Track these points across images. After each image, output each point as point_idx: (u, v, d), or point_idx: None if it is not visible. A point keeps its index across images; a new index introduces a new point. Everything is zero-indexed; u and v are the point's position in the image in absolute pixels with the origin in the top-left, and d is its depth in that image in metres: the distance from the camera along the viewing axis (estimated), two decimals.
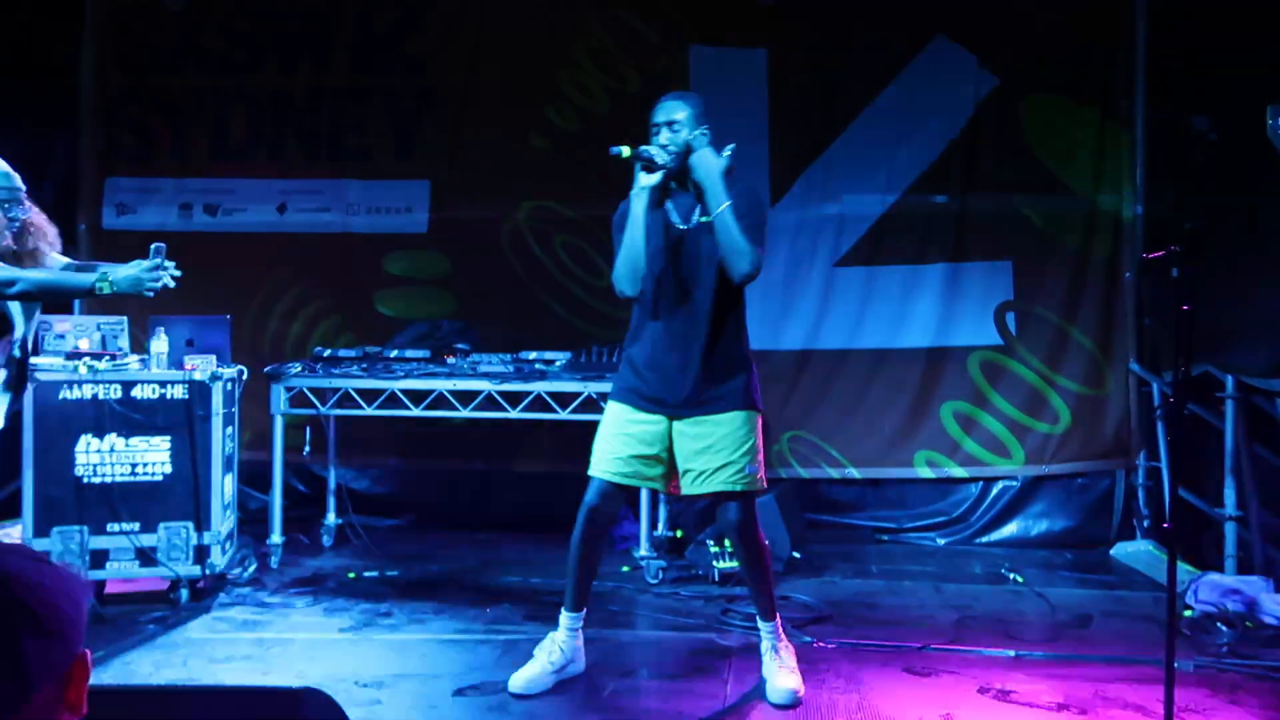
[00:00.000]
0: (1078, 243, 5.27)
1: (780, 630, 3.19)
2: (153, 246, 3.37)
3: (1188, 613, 3.71)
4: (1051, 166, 5.29)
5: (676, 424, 3.08)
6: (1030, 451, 5.23)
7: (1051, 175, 5.28)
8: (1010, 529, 5.26)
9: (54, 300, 3.54)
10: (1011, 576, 4.54)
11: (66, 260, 3.68)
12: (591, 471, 3.14)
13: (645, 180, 2.99)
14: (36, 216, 3.48)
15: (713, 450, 3.03)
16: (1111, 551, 5.03)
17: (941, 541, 5.24)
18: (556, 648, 3.15)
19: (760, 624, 3.20)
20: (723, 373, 3.07)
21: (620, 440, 3.10)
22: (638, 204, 3.00)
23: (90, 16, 5.69)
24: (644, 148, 3.00)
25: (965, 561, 4.90)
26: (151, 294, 3.35)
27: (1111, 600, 4.22)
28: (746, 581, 3.29)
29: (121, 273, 3.36)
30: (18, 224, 3.35)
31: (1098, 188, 5.26)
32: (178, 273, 3.40)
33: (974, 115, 5.30)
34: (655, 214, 3.06)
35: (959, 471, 5.29)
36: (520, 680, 3.07)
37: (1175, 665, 2.69)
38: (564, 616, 3.20)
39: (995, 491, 5.30)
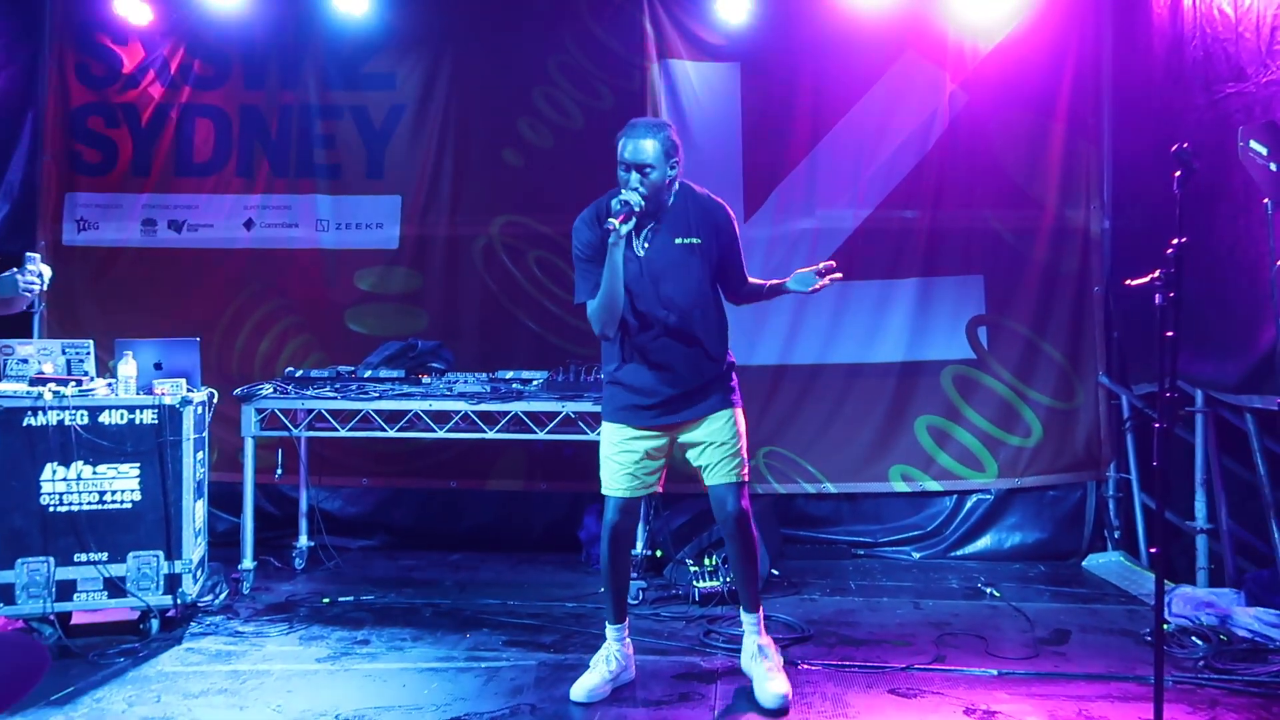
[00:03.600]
0: (1047, 257, 5.34)
1: (762, 624, 3.38)
2: (26, 255, 3.35)
3: (1164, 626, 3.75)
4: (1020, 182, 5.35)
5: (678, 433, 3.30)
6: (1003, 464, 5.29)
7: (1021, 190, 5.35)
8: (984, 542, 5.31)
9: None
10: (988, 591, 4.58)
11: None
12: (606, 491, 3.32)
13: (624, 228, 3.04)
14: None
15: (714, 446, 3.28)
16: (1084, 563, 5.10)
17: (917, 555, 5.28)
18: (612, 657, 3.33)
19: (744, 615, 3.38)
20: (712, 374, 3.30)
21: (629, 457, 3.29)
22: (616, 253, 3.06)
23: (48, 29, 5.56)
24: (625, 201, 3.04)
25: (941, 576, 4.93)
26: (29, 295, 3.38)
27: (1086, 614, 4.27)
28: (735, 572, 3.39)
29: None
30: None
31: (1066, 202, 5.33)
32: (36, 282, 3.33)
33: (944, 131, 5.35)
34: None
35: (933, 485, 5.33)
36: (581, 689, 3.24)
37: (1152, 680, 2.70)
38: (610, 630, 3.37)
39: (969, 505, 5.36)
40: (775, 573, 4.67)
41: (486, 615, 4.16)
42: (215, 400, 4.24)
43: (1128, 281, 2.95)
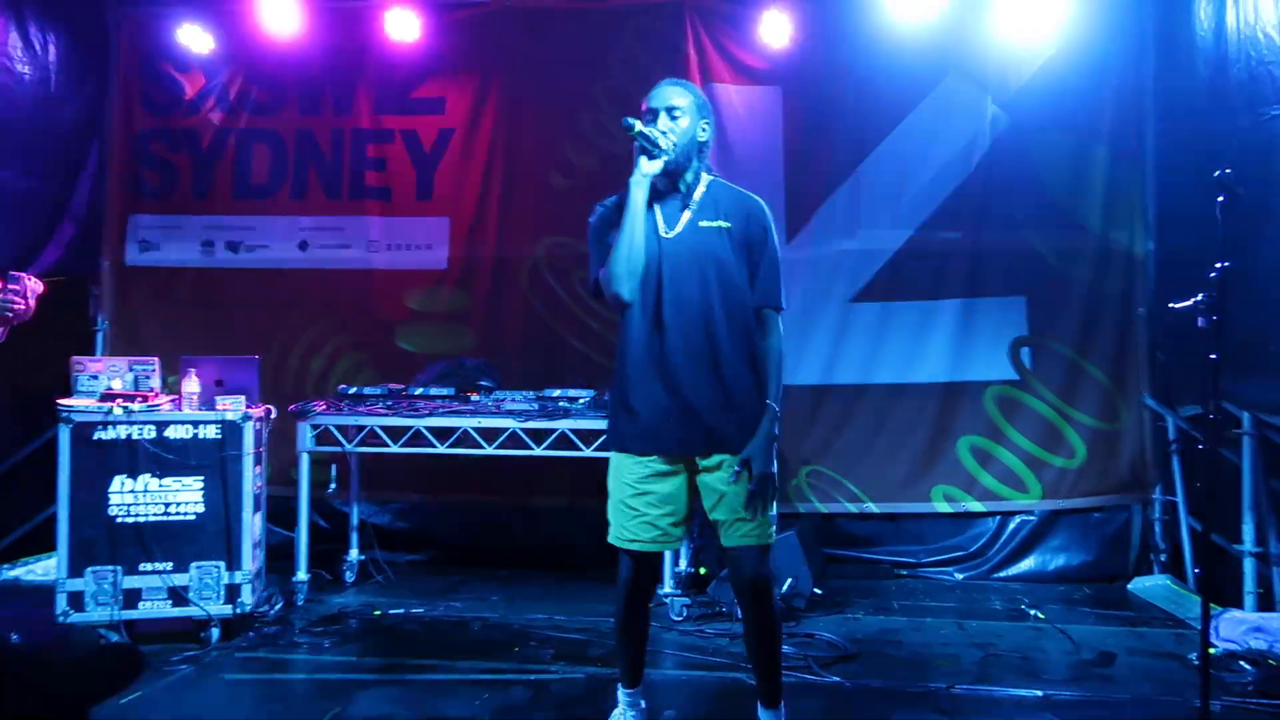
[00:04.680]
0: (1090, 278, 5.33)
1: None
2: (10, 274, 3.53)
3: (1210, 650, 3.73)
4: (1063, 203, 5.36)
5: (698, 468, 2.74)
6: (1047, 485, 5.28)
7: (1064, 212, 5.36)
8: (1028, 564, 5.29)
9: None
10: (1032, 613, 4.57)
11: None
12: (619, 542, 2.77)
13: (647, 168, 2.62)
14: None
15: (738, 496, 2.67)
16: (1129, 586, 5.06)
17: (960, 576, 5.27)
18: None
19: (761, 713, 2.82)
20: (740, 400, 2.69)
21: (641, 501, 2.73)
22: (638, 192, 2.61)
23: (115, 58, 5.80)
24: (649, 129, 2.66)
25: (985, 597, 4.93)
26: (10, 314, 3.43)
27: (1133, 636, 4.25)
28: (752, 657, 2.86)
29: None
30: None
31: (1109, 224, 5.34)
32: (17, 300, 3.46)
33: (987, 153, 5.38)
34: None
35: (976, 506, 5.33)
36: None
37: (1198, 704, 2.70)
38: (622, 693, 2.92)
39: (1012, 526, 5.34)
40: (818, 591, 4.70)
41: (534, 629, 4.24)
42: (274, 416, 4.37)
43: (1172, 304, 2.97)
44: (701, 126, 2.73)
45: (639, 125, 2.63)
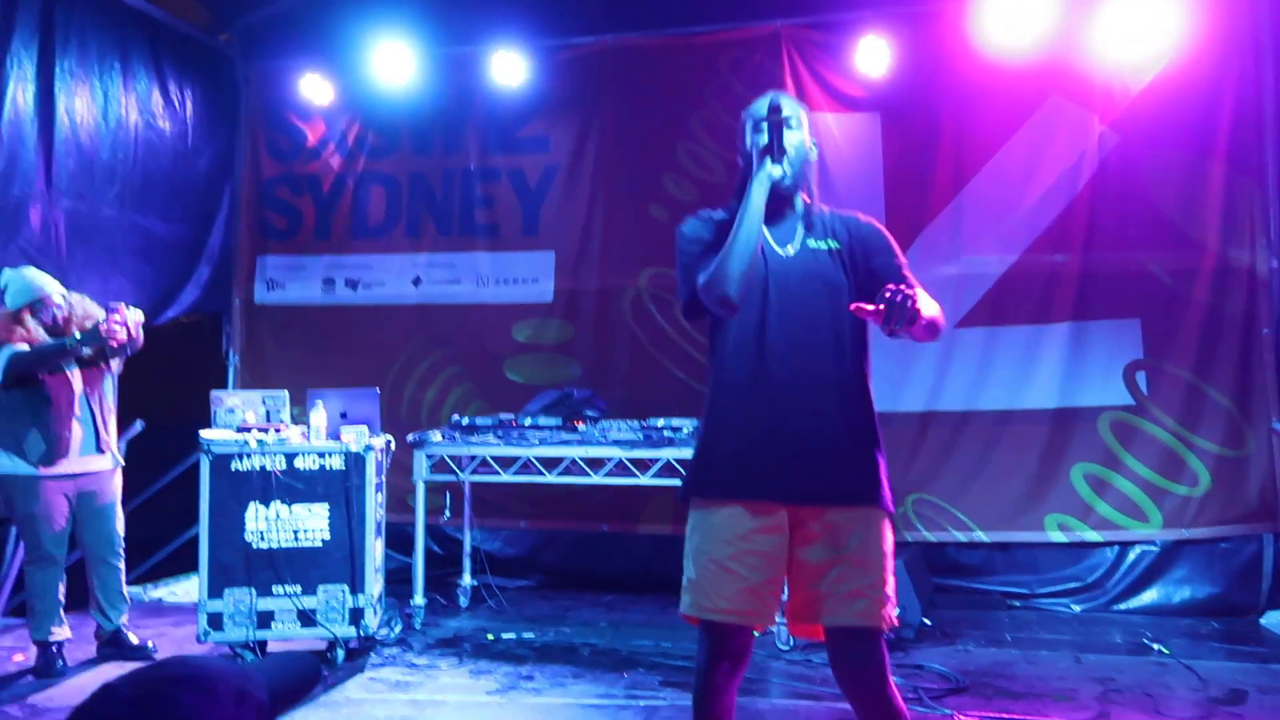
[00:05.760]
0: (1209, 299, 5.15)
1: None
2: (109, 305, 4.04)
3: None
4: (1178, 222, 5.20)
5: (800, 521, 2.26)
6: (1168, 514, 5.08)
7: (1178, 230, 5.19)
8: (1150, 596, 5.10)
9: (41, 363, 4.03)
10: (1155, 647, 4.41)
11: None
12: (694, 612, 2.26)
13: (772, 168, 2.32)
14: (76, 311, 4.17)
15: (848, 565, 2.21)
16: (1262, 620, 4.83)
17: (1077, 608, 5.12)
18: None
19: None
20: (854, 446, 2.29)
21: (737, 562, 2.22)
22: (759, 190, 2.30)
23: (244, 110, 6.21)
24: (774, 147, 2.36)
25: (1103, 630, 4.77)
26: (114, 343, 4.00)
27: (1265, 674, 4.05)
28: None
29: (87, 326, 4.08)
30: (49, 323, 4.09)
31: (1228, 242, 5.14)
32: (123, 327, 3.99)
33: (1094, 173, 5.27)
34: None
35: (1093, 535, 5.17)
36: None
37: None
38: None
39: (1132, 556, 5.16)
40: (928, 622, 4.63)
41: (641, 655, 4.32)
42: (393, 446, 4.58)
43: None
44: (811, 144, 2.51)
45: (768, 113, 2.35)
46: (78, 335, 4.04)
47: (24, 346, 4.00)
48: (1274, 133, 5.09)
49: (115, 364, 4.31)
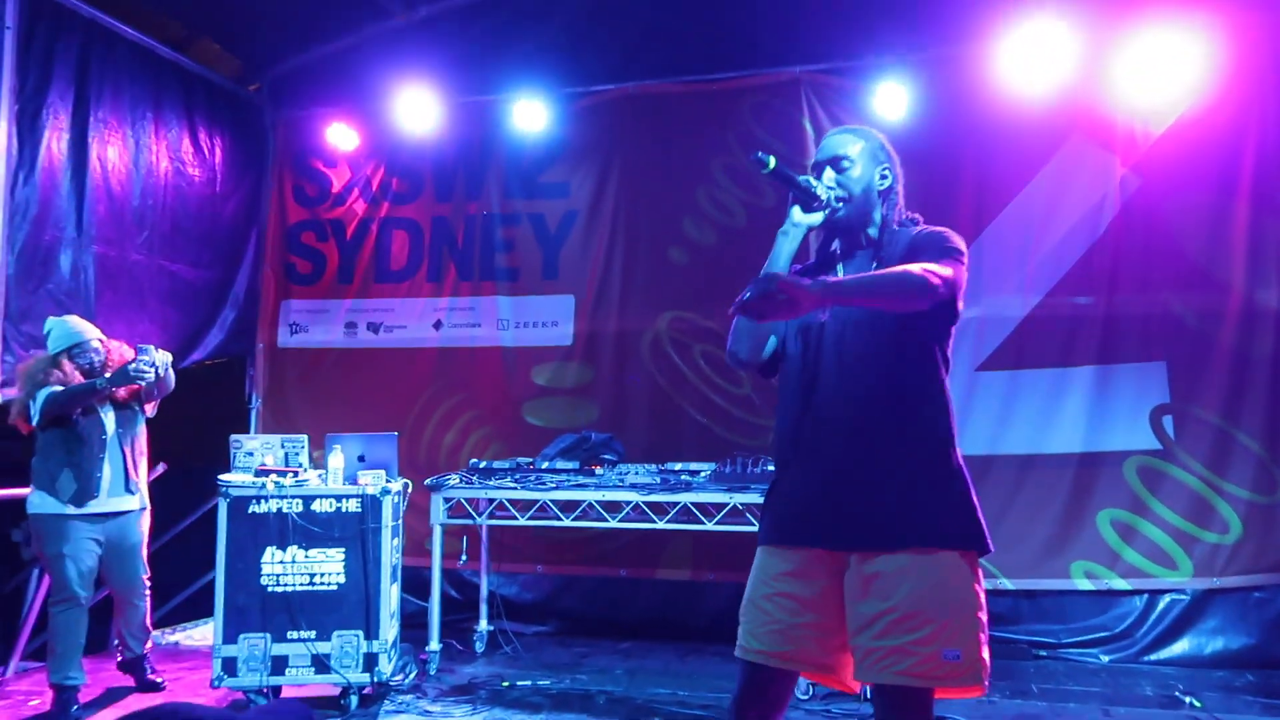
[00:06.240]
0: (1236, 341, 5.06)
1: None
2: (139, 346, 4.11)
3: None
4: (1202, 264, 5.14)
5: (843, 568, 2.17)
6: (1199, 562, 4.96)
7: (1203, 272, 5.12)
8: (1181, 646, 4.96)
9: (73, 403, 4.10)
10: (1188, 700, 4.28)
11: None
12: (736, 651, 2.24)
13: (800, 217, 2.28)
14: (113, 355, 4.27)
15: (892, 618, 2.06)
16: None
17: (1105, 659, 4.99)
18: None
19: None
20: (905, 488, 2.13)
21: (769, 601, 2.20)
22: (783, 242, 2.26)
23: (271, 157, 6.34)
24: (809, 178, 2.32)
25: (1133, 681, 4.64)
26: (142, 382, 4.09)
27: None
28: None
29: (115, 368, 4.16)
30: (86, 367, 4.20)
31: (1254, 283, 5.07)
32: (152, 368, 4.05)
33: (1117, 215, 5.23)
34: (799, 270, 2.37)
35: (1121, 584, 5.05)
36: None
37: None
38: None
39: (1162, 605, 5.03)
40: None
41: (658, 704, 4.25)
42: (410, 490, 4.58)
43: None
44: (880, 173, 2.36)
45: (773, 161, 2.23)
46: (107, 376, 4.11)
47: (59, 388, 4.08)
48: None
49: (149, 407, 4.37)
